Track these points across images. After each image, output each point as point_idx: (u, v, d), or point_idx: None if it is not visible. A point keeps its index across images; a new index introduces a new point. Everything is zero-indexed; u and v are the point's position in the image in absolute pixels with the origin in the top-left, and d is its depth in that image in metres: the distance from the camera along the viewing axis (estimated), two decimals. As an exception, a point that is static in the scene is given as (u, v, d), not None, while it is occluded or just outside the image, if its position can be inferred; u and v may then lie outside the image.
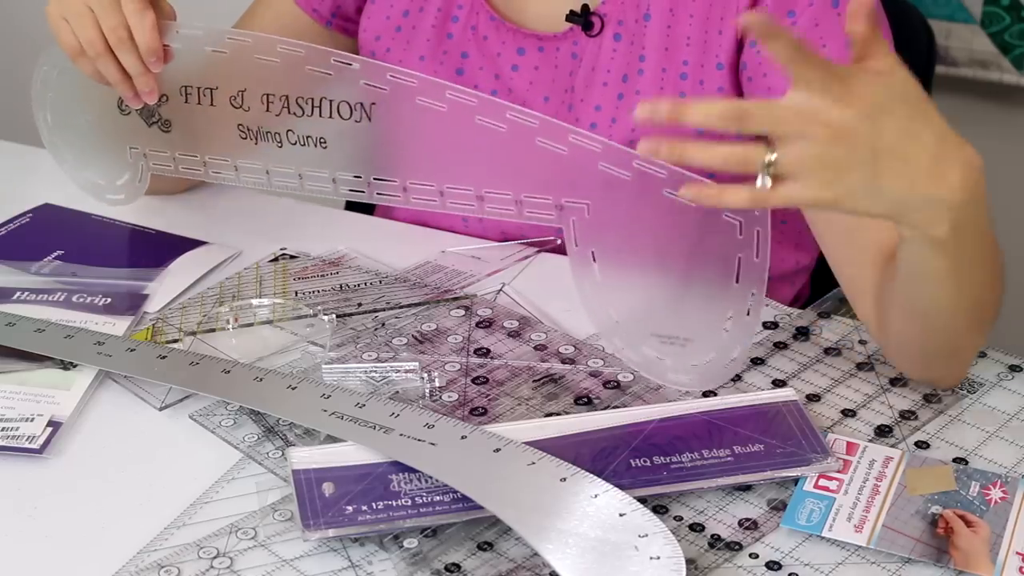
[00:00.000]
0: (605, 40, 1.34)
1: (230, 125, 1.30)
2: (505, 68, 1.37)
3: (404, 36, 1.41)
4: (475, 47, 1.38)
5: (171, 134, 1.34)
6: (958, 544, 1.01)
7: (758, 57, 1.28)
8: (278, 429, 1.13)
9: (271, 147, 1.28)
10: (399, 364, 1.20)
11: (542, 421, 1.12)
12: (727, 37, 1.30)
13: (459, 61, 1.39)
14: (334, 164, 1.26)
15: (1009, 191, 2.13)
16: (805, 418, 1.12)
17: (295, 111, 1.25)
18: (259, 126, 1.28)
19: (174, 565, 1.01)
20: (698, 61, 1.31)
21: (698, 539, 1.03)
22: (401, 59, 1.40)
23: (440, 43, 1.39)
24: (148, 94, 1.28)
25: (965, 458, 1.10)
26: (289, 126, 1.27)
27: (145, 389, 1.19)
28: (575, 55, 1.35)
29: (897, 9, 1.39)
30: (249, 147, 1.30)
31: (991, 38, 2.03)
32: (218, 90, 1.29)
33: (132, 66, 1.26)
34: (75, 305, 1.29)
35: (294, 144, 1.27)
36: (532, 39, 1.36)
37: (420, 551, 1.02)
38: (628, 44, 1.33)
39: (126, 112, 1.36)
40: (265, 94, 1.27)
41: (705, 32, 1.30)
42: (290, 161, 1.28)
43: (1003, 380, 1.19)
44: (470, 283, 1.33)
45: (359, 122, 1.22)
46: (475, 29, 1.38)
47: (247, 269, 1.36)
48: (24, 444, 1.12)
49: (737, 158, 0.97)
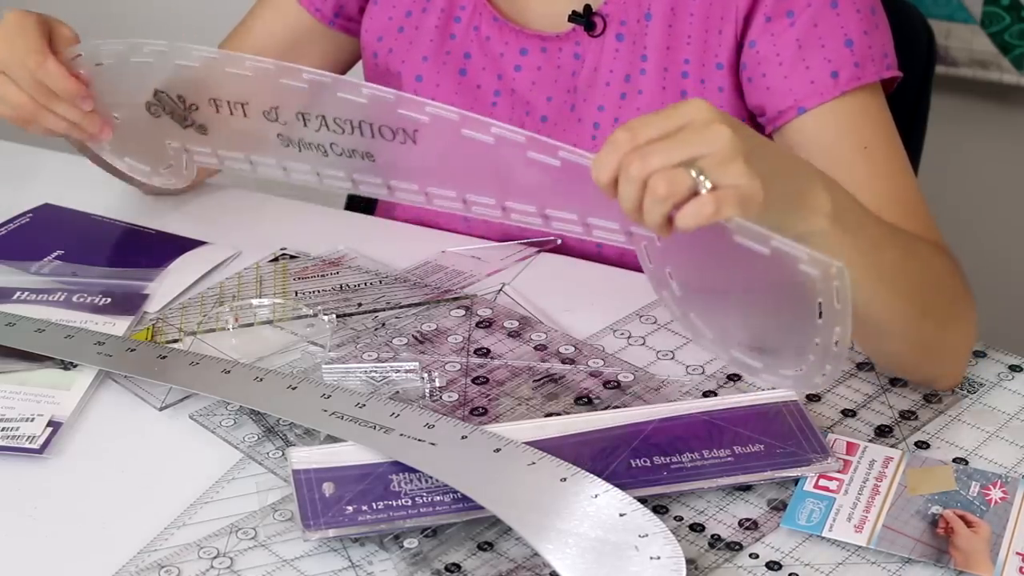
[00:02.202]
0: (607, 40, 1.34)
1: (269, 133, 1.23)
2: (508, 68, 1.37)
3: (407, 37, 1.41)
4: (478, 47, 1.38)
5: (208, 137, 1.28)
6: (958, 544, 1.01)
7: (757, 57, 1.28)
8: (278, 429, 1.13)
9: (316, 155, 1.21)
10: (399, 364, 1.20)
11: (542, 421, 1.12)
12: (726, 37, 1.30)
13: (462, 61, 1.39)
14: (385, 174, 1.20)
15: (1009, 191, 2.13)
16: (805, 418, 1.12)
17: (334, 129, 1.19)
18: (300, 138, 1.21)
19: (174, 565, 1.01)
20: (699, 60, 1.31)
21: (698, 539, 1.03)
22: (404, 60, 1.40)
23: (443, 43, 1.39)
24: (100, 133, 1.30)
25: (965, 458, 1.10)
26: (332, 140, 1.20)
27: (145, 389, 1.19)
28: (578, 55, 1.35)
29: (897, 9, 1.39)
30: (293, 154, 1.23)
31: (991, 38, 2.03)
32: (249, 104, 1.23)
33: (69, 116, 1.28)
34: (75, 305, 1.29)
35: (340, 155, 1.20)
36: (535, 39, 1.36)
37: (420, 551, 1.02)
38: (630, 44, 1.33)
39: (156, 115, 1.30)
40: (299, 112, 1.20)
41: (705, 32, 1.31)
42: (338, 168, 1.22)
43: (1003, 380, 1.19)
44: (470, 283, 1.33)
45: (404, 144, 1.15)
46: (478, 29, 1.38)
47: (247, 269, 1.36)
48: (24, 444, 1.12)
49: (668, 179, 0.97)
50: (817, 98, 1.26)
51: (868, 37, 1.26)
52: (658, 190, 0.97)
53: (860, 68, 1.25)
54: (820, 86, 1.25)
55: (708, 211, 0.97)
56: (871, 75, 1.26)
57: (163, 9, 2.57)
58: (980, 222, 2.07)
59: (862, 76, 1.25)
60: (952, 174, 2.06)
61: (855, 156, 1.24)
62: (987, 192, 2.14)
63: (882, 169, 1.24)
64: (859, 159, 1.24)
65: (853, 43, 1.26)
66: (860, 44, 1.26)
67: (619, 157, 0.99)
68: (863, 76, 1.25)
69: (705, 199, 0.97)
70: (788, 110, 1.27)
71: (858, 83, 1.25)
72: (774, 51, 1.27)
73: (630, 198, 0.99)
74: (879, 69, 1.26)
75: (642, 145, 0.98)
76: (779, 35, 1.27)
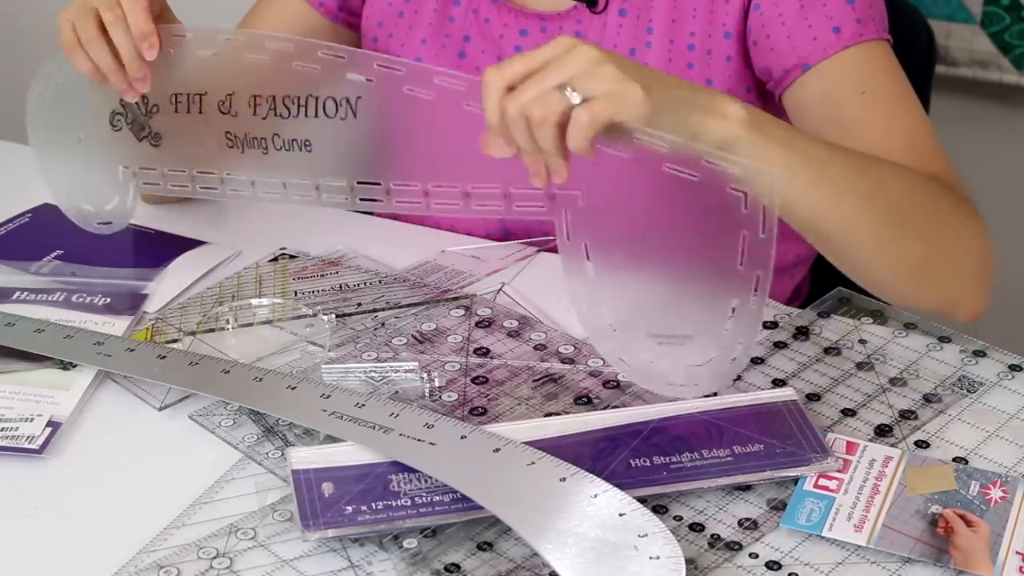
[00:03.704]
0: (610, 16, 1.34)
1: (218, 133, 1.27)
2: (508, 50, 1.37)
3: (406, 21, 1.41)
4: (477, 30, 1.38)
5: (160, 148, 1.31)
6: (958, 544, 1.01)
7: (761, 19, 1.29)
8: (277, 429, 1.13)
9: (256, 154, 1.26)
10: (399, 364, 1.20)
11: (542, 421, 1.12)
12: (734, 5, 1.30)
13: (461, 44, 1.39)
14: (319, 167, 1.23)
15: (1009, 191, 2.13)
16: (805, 418, 1.11)
17: (281, 112, 1.23)
18: (246, 132, 1.26)
19: (174, 565, 1.01)
20: (705, 31, 1.31)
21: (698, 539, 1.03)
22: (403, 43, 1.41)
23: (442, 27, 1.39)
24: (140, 81, 1.25)
25: (965, 458, 1.10)
26: (275, 130, 1.24)
27: (144, 389, 1.19)
28: (579, 33, 1.35)
29: (897, 9, 1.39)
30: (236, 156, 1.27)
31: (991, 38, 2.03)
32: (207, 96, 1.27)
33: (124, 47, 1.24)
34: (75, 305, 1.29)
35: (279, 149, 1.25)
36: (534, 19, 1.36)
37: (420, 551, 1.01)
38: (635, 19, 1.33)
39: (117, 128, 1.32)
40: (252, 96, 1.24)
41: (711, 2, 1.31)
42: (275, 169, 1.25)
43: (1003, 380, 1.19)
44: (470, 283, 1.33)
45: (344, 119, 1.20)
46: (476, 12, 1.38)
47: (247, 269, 1.36)
48: (23, 444, 1.12)
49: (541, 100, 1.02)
50: (820, 53, 1.27)
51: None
52: (534, 115, 1.02)
53: (862, 25, 1.26)
54: (823, 42, 1.27)
55: (584, 120, 1.02)
56: (872, 32, 1.27)
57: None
58: (980, 222, 2.07)
59: (864, 32, 1.27)
60: (952, 174, 2.06)
61: (853, 100, 1.26)
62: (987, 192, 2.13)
63: (884, 110, 1.25)
64: (857, 102, 1.25)
65: (854, 1, 1.26)
66: (861, 2, 1.27)
67: (497, 98, 1.03)
68: (865, 32, 1.27)
69: (578, 111, 1.02)
70: (793, 68, 1.28)
71: (860, 38, 1.26)
72: (776, 11, 1.28)
73: (520, 137, 1.04)
74: (879, 30, 1.27)
75: (517, 84, 1.03)
76: None
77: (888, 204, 1.15)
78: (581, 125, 1.02)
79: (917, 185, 1.18)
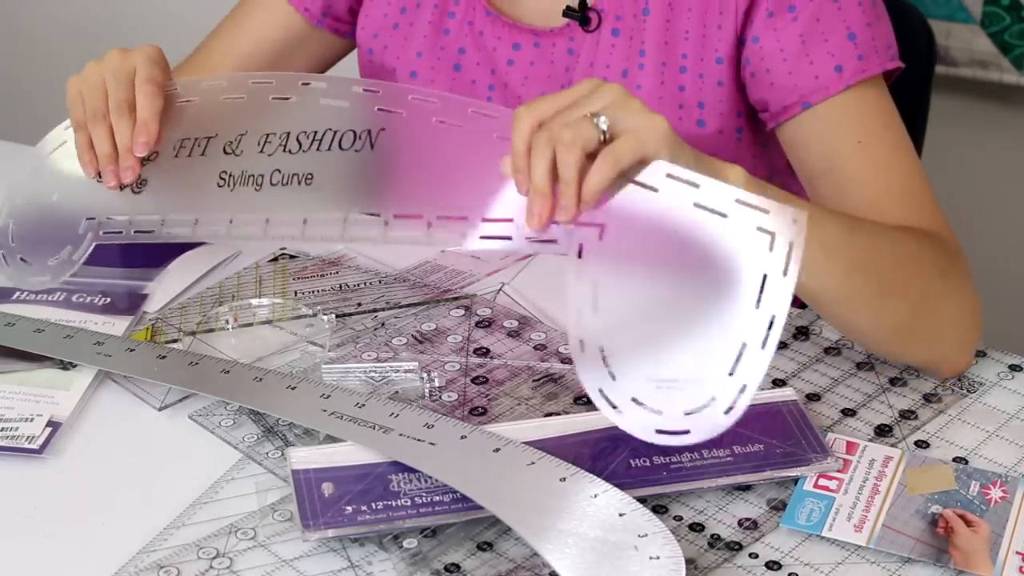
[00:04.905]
0: (603, 35, 1.34)
1: (212, 174, 1.23)
2: (501, 63, 1.37)
3: (401, 33, 1.41)
4: (471, 42, 1.38)
5: (141, 195, 1.25)
6: (958, 544, 1.01)
7: (760, 52, 1.28)
8: (277, 429, 1.13)
9: (247, 191, 1.22)
10: (399, 364, 1.20)
11: (542, 421, 1.12)
12: (726, 32, 1.30)
13: (456, 57, 1.39)
14: (314, 201, 1.19)
15: (1009, 191, 2.13)
16: (805, 418, 1.11)
17: (291, 147, 1.21)
18: (243, 170, 1.22)
19: (174, 565, 1.01)
20: (697, 55, 1.31)
21: (698, 539, 1.03)
22: (399, 55, 1.41)
23: (437, 39, 1.39)
24: (128, 170, 1.22)
25: (965, 458, 1.10)
26: (276, 166, 1.21)
27: (144, 389, 1.19)
28: (571, 51, 1.35)
29: (897, 9, 1.39)
30: (223, 195, 1.23)
31: (991, 38, 2.03)
32: (216, 137, 1.24)
33: (122, 136, 1.23)
34: (75, 305, 1.29)
35: (275, 184, 1.21)
36: (528, 34, 1.36)
37: (420, 551, 1.01)
38: (627, 39, 1.33)
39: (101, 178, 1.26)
40: (265, 134, 1.22)
41: (704, 27, 1.31)
42: (263, 206, 1.21)
43: (1003, 380, 1.19)
44: (470, 283, 1.33)
45: (359, 151, 1.18)
46: (471, 24, 1.38)
47: (247, 269, 1.36)
48: (24, 444, 1.12)
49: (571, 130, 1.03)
50: (822, 93, 1.26)
51: (871, 29, 1.27)
52: (564, 138, 1.03)
53: (864, 61, 1.26)
54: (824, 81, 1.26)
55: (613, 156, 1.03)
56: (874, 67, 1.26)
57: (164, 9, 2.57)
58: (980, 222, 2.07)
59: (866, 68, 1.26)
60: (952, 174, 2.06)
61: (851, 150, 1.25)
62: (987, 192, 2.14)
63: (881, 161, 1.25)
64: (855, 153, 1.25)
65: (856, 36, 1.26)
66: (863, 37, 1.26)
67: (528, 129, 1.05)
68: (867, 69, 1.26)
69: (607, 149, 1.03)
70: (792, 105, 1.27)
71: (863, 75, 1.26)
72: (777, 46, 1.27)
73: (540, 166, 1.04)
74: (882, 61, 1.27)
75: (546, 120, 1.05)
76: (782, 30, 1.27)
77: (878, 268, 1.15)
78: (609, 158, 1.03)
79: (907, 249, 1.18)
